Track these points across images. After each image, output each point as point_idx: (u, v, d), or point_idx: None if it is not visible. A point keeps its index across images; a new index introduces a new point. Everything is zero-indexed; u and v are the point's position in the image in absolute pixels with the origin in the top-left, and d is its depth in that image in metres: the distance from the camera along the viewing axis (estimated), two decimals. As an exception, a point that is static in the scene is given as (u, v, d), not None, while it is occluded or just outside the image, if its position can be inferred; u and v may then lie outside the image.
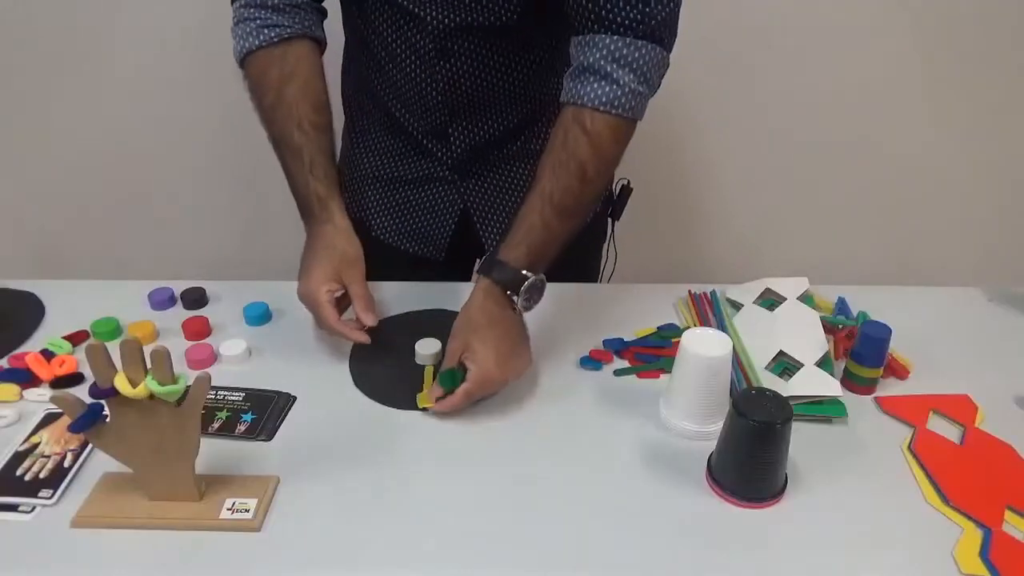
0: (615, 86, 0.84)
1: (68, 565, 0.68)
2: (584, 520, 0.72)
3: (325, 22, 1.03)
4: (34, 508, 0.73)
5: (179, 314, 1.03)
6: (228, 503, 0.72)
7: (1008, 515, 0.73)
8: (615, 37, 0.83)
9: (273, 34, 0.94)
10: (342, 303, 0.93)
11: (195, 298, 1.05)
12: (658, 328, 1.01)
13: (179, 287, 1.07)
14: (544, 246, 0.86)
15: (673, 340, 0.97)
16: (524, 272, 0.85)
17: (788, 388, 0.86)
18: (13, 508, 0.73)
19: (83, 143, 1.76)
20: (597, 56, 0.83)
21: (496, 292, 0.86)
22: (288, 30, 0.94)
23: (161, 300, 1.05)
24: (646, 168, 1.25)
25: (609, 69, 0.83)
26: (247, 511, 0.71)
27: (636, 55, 0.83)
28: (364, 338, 0.90)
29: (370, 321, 0.90)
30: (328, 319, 0.89)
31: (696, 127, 1.75)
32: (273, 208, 1.86)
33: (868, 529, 0.72)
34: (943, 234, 1.91)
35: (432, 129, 1.04)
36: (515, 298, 0.85)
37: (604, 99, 0.84)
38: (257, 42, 0.94)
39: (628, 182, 1.18)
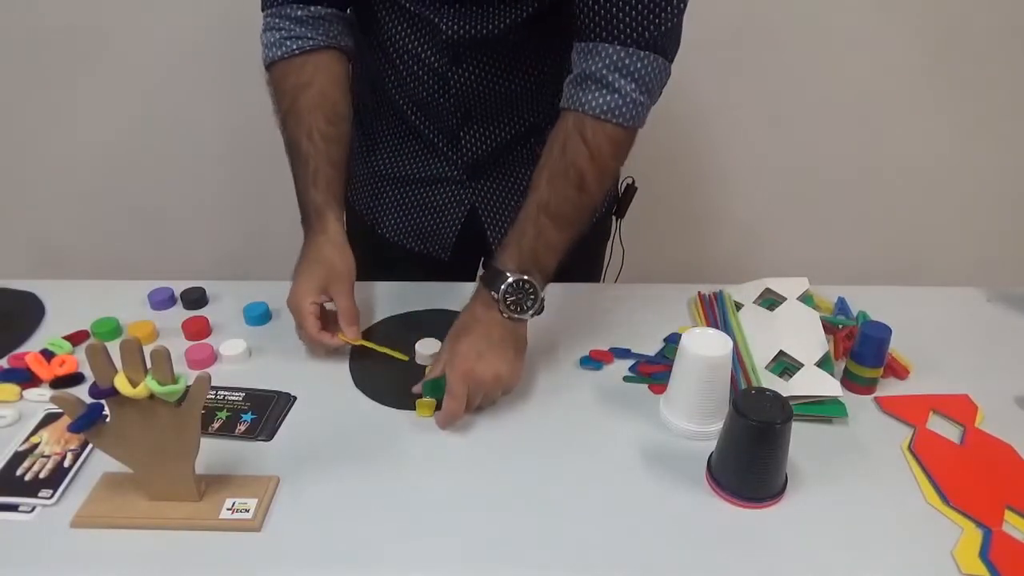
0: (616, 95, 0.84)
1: (68, 565, 0.68)
2: (584, 520, 0.72)
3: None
4: (34, 508, 0.73)
5: (179, 314, 1.03)
6: (228, 503, 0.72)
7: (1008, 515, 0.73)
8: (618, 47, 0.83)
9: (295, 46, 0.95)
10: (328, 314, 0.93)
11: (195, 298, 1.05)
12: (665, 341, 0.99)
13: (179, 287, 1.07)
14: (536, 252, 0.86)
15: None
16: (507, 273, 0.85)
17: (788, 388, 0.86)
18: (13, 508, 0.73)
19: (84, 143, 1.76)
20: (600, 65, 0.83)
21: (484, 295, 0.86)
22: (311, 42, 0.95)
23: (161, 300, 1.05)
24: (648, 167, 1.25)
25: (611, 78, 0.83)
26: (247, 511, 0.71)
27: (638, 65, 0.83)
28: (339, 343, 0.91)
29: (351, 334, 0.91)
30: (308, 330, 0.90)
31: (697, 127, 1.75)
32: (273, 208, 1.85)
33: (868, 529, 0.72)
34: (943, 234, 1.91)
35: (444, 132, 1.05)
36: (495, 295, 0.84)
37: (605, 107, 0.84)
38: (280, 53, 0.95)
39: (633, 181, 1.18)
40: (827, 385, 0.86)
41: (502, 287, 0.85)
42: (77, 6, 1.59)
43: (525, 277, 0.85)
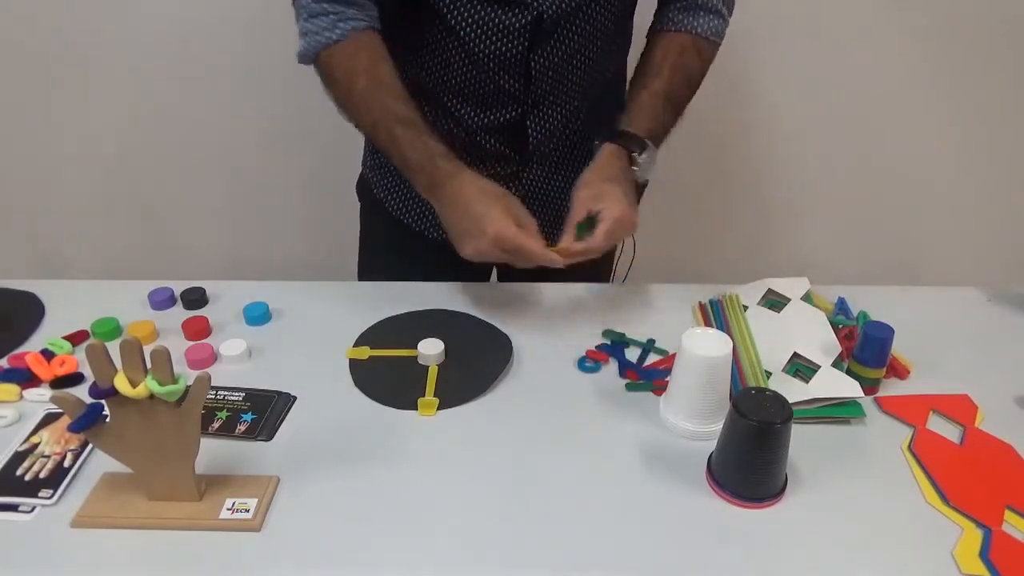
0: (720, 19, 1.04)
1: (68, 565, 0.68)
2: (584, 520, 0.72)
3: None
4: (34, 508, 0.73)
5: (179, 314, 1.03)
6: (228, 503, 0.72)
7: (1008, 515, 0.73)
8: None
9: (350, 26, 0.96)
10: None
11: (195, 298, 1.05)
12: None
13: (179, 287, 1.07)
14: (660, 129, 1.01)
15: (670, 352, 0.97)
16: (647, 142, 0.98)
17: (808, 391, 0.85)
18: (13, 508, 0.73)
19: (83, 143, 1.76)
20: None
21: (623, 154, 0.98)
22: (362, 23, 0.97)
23: (161, 300, 1.05)
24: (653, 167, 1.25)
25: (719, 6, 1.03)
26: (247, 511, 0.71)
27: None
28: (562, 261, 0.91)
29: (565, 241, 0.93)
30: (537, 250, 0.88)
31: (698, 127, 1.74)
32: (273, 208, 1.86)
33: (868, 529, 0.72)
34: (943, 234, 1.91)
35: (505, 125, 1.04)
36: (636, 157, 0.98)
37: (713, 30, 1.04)
38: (338, 34, 0.95)
39: None
40: (847, 386, 0.85)
41: (644, 153, 0.98)
42: (77, 7, 1.59)
43: (654, 148, 0.99)
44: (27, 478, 0.76)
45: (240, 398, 0.88)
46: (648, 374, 0.93)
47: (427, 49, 1.01)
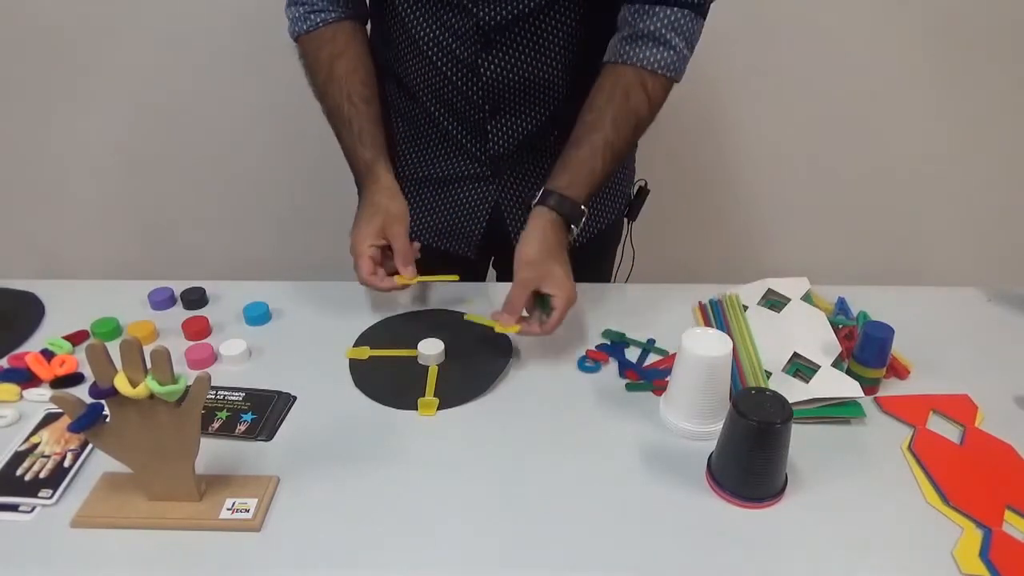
0: (672, 51, 0.94)
1: (68, 565, 0.68)
2: (584, 520, 0.72)
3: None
4: (34, 508, 0.73)
5: (179, 314, 1.03)
6: (228, 503, 0.72)
7: (1008, 515, 0.73)
8: (673, 8, 0.92)
9: (319, 19, 1.01)
10: (387, 257, 0.98)
11: (195, 298, 1.05)
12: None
13: (179, 287, 1.07)
14: (597, 187, 0.96)
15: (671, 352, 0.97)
16: (583, 207, 0.94)
17: (808, 391, 0.85)
18: (13, 508, 0.73)
19: (84, 143, 1.76)
20: (657, 24, 0.93)
21: (561, 223, 0.94)
22: (333, 15, 1.02)
23: (161, 300, 1.05)
24: (652, 167, 1.25)
25: (668, 36, 0.93)
26: (247, 511, 0.71)
27: (689, 25, 0.94)
28: (392, 286, 0.96)
29: (408, 274, 0.96)
30: (361, 271, 0.94)
31: (698, 127, 1.75)
32: (273, 208, 1.86)
33: (868, 529, 0.72)
34: (943, 234, 1.91)
35: (470, 128, 1.05)
36: (574, 228, 0.95)
37: (663, 63, 0.94)
38: (305, 27, 1.02)
39: (645, 183, 1.19)
40: (847, 386, 0.85)
41: (581, 222, 0.95)
42: (77, 8, 1.59)
43: (585, 210, 0.95)
44: (27, 478, 0.76)
45: (240, 398, 0.88)
46: (648, 374, 0.93)
47: (394, 43, 1.03)
